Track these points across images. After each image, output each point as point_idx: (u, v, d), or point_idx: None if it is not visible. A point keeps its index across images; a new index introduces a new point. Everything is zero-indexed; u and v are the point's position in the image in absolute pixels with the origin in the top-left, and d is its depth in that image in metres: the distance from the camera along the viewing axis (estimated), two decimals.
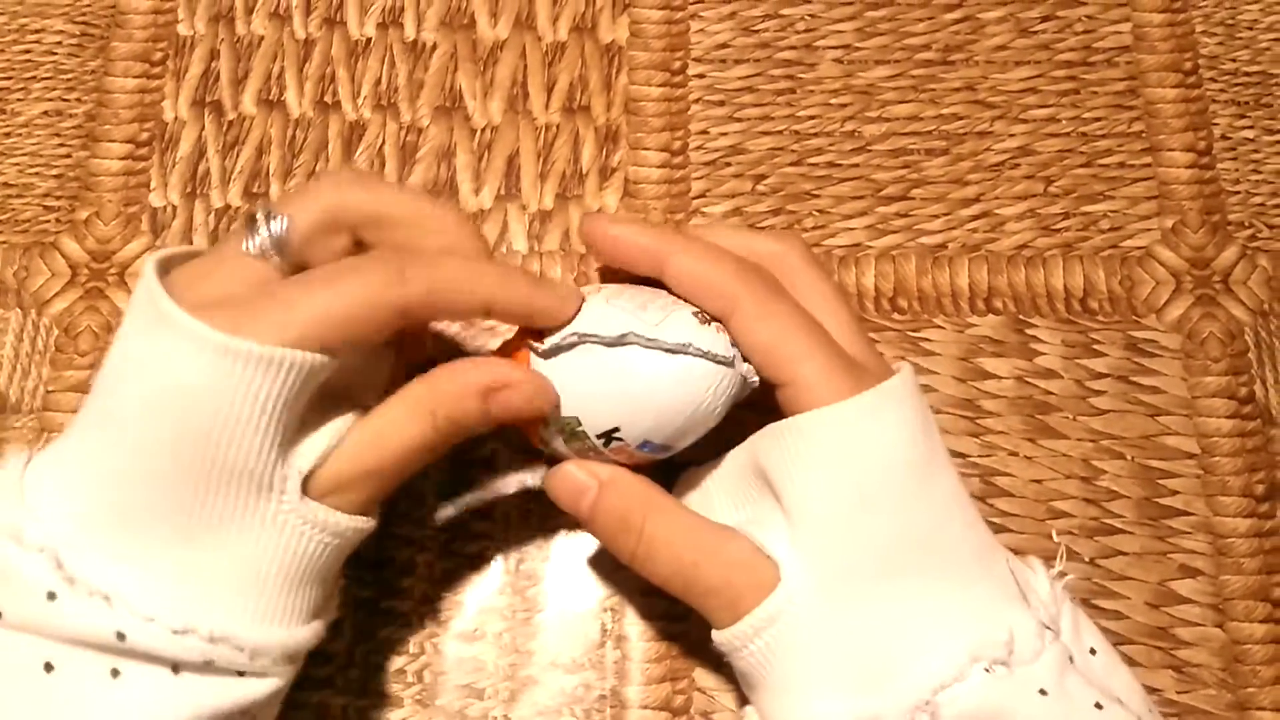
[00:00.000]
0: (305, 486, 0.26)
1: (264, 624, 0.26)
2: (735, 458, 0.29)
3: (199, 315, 0.24)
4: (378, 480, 0.27)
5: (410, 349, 0.31)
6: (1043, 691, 0.26)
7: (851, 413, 0.27)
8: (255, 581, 0.25)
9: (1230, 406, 0.37)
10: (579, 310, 0.28)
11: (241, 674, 0.25)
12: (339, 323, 0.25)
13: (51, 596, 0.24)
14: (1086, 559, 0.35)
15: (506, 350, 0.30)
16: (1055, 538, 0.35)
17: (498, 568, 0.34)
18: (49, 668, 0.24)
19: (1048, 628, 0.27)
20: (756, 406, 0.29)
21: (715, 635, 0.28)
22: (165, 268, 0.27)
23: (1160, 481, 0.36)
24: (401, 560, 0.34)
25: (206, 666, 0.25)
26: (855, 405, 0.27)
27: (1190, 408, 0.37)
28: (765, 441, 0.28)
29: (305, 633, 0.27)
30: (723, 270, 0.28)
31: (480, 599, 0.33)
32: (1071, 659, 0.27)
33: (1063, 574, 0.29)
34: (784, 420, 0.27)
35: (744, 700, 0.33)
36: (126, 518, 0.25)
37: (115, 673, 0.24)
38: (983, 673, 0.26)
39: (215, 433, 0.24)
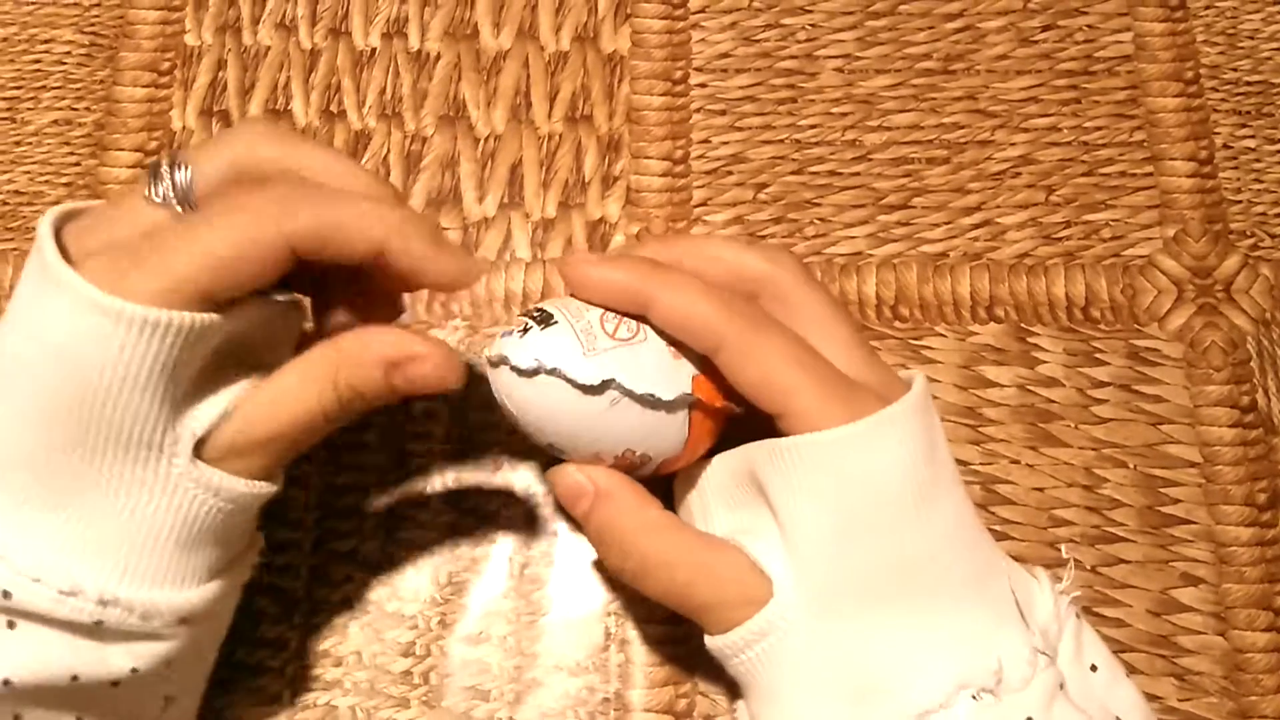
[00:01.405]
0: (199, 450, 0.26)
1: (155, 586, 0.26)
2: (731, 461, 0.30)
3: (82, 266, 0.25)
4: (275, 447, 0.27)
5: (379, 310, 0.31)
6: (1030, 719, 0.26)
7: (845, 440, 0.27)
8: (146, 543, 0.26)
9: (1232, 415, 0.38)
10: (467, 280, 0.29)
11: (134, 635, 0.26)
12: (224, 264, 0.25)
13: None
14: (1088, 567, 0.36)
15: None
16: (1065, 552, 0.36)
17: (503, 571, 0.35)
18: None
19: (1042, 653, 0.28)
20: None
21: (708, 641, 0.30)
22: (70, 218, 0.27)
23: (1162, 490, 0.37)
24: (407, 564, 0.35)
25: (97, 628, 0.25)
26: (848, 433, 0.27)
27: (1192, 416, 0.38)
28: (761, 454, 0.28)
29: (200, 594, 0.27)
30: (706, 309, 0.28)
31: (485, 602, 0.35)
32: (1063, 685, 0.28)
33: (1070, 588, 0.30)
34: (780, 439, 0.28)
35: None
36: (7, 478, 0.25)
37: (11, 625, 0.25)
38: (969, 700, 0.26)
39: (96, 394, 0.24)
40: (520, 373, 0.28)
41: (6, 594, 0.25)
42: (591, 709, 0.34)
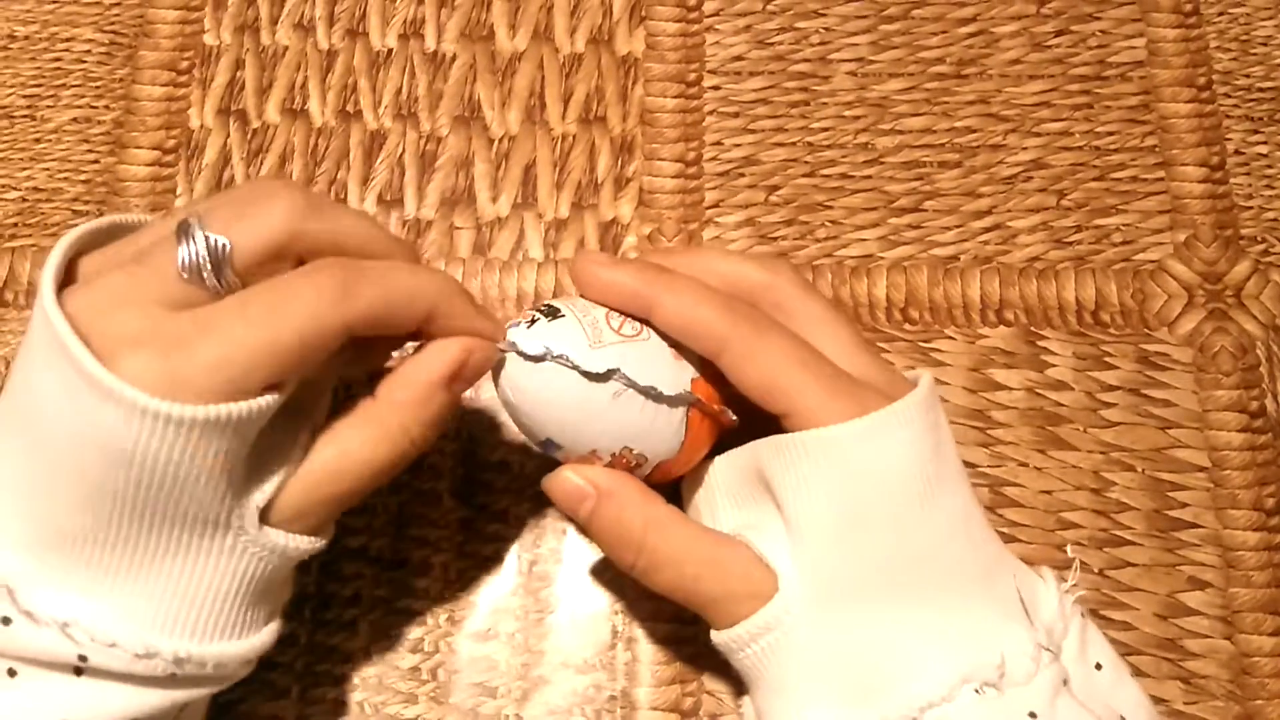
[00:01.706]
0: (263, 515, 0.27)
1: (226, 640, 0.27)
2: (737, 458, 0.30)
3: (122, 360, 0.23)
4: (340, 504, 0.28)
5: (374, 355, 0.31)
6: (1032, 715, 0.27)
7: (851, 436, 0.27)
8: (216, 605, 0.26)
9: (1241, 420, 0.38)
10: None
11: (204, 681, 0.27)
12: (285, 354, 0.25)
13: (7, 622, 0.24)
14: (1096, 570, 0.36)
15: None
16: (1070, 551, 0.36)
17: (511, 569, 0.36)
18: (11, 673, 0.25)
19: (1046, 649, 0.28)
20: None
21: (714, 636, 0.30)
22: (78, 251, 0.26)
23: (1170, 494, 0.38)
24: (417, 561, 0.36)
25: (170, 679, 0.26)
26: (855, 428, 0.27)
27: (1201, 421, 0.38)
28: (767, 451, 0.29)
29: (262, 638, 0.28)
30: (709, 312, 0.29)
31: (494, 599, 0.36)
32: (1066, 681, 0.28)
33: (1075, 587, 0.30)
34: (787, 435, 0.28)
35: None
36: (75, 548, 0.25)
37: (78, 670, 0.25)
38: (972, 694, 0.27)
39: (160, 488, 0.24)
40: (527, 358, 0.28)
41: (83, 658, 0.25)
42: (598, 707, 0.35)
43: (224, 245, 0.25)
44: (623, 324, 0.30)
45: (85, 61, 0.42)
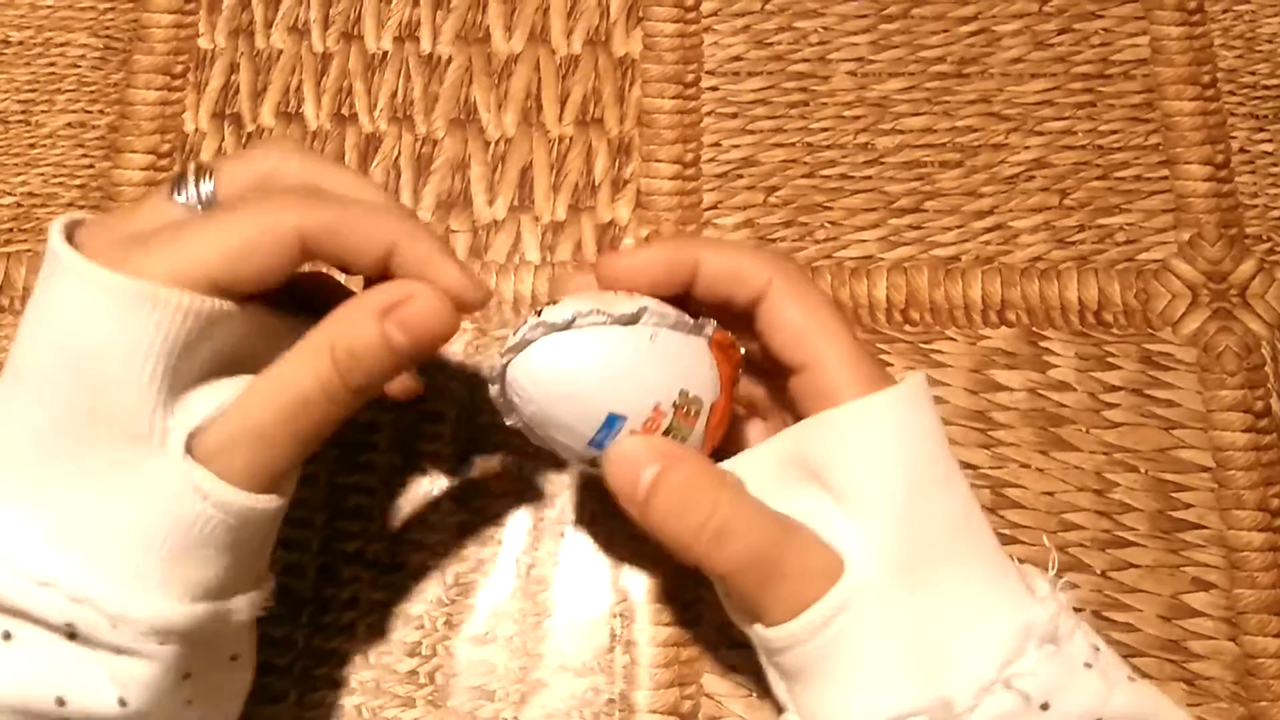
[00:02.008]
0: (192, 447, 0.26)
1: (129, 591, 0.25)
2: (776, 447, 0.29)
3: (93, 252, 0.25)
4: (274, 437, 0.26)
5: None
6: (1087, 665, 0.27)
7: (897, 399, 0.28)
8: (130, 545, 0.25)
9: (1246, 420, 0.38)
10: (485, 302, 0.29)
11: (109, 649, 0.25)
12: (234, 251, 0.26)
13: None
14: (1099, 571, 0.36)
15: None
16: (1045, 540, 0.36)
17: (509, 573, 0.36)
18: None
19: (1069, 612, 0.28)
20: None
21: (774, 632, 0.28)
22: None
23: (1174, 495, 0.37)
24: (414, 565, 0.36)
25: (71, 637, 0.25)
26: (899, 392, 0.28)
27: (1205, 421, 0.38)
28: (813, 431, 0.28)
29: (179, 611, 0.26)
30: (755, 257, 0.30)
31: (491, 603, 0.36)
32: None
33: (1059, 575, 0.30)
34: (832, 410, 0.28)
35: (753, 706, 0.35)
36: (14, 461, 0.25)
37: (7, 635, 0.25)
38: (1036, 650, 0.27)
39: (96, 372, 0.25)
40: (556, 328, 0.27)
41: None
42: (597, 710, 0.35)
43: (209, 177, 0.28)
44: (619, 295, 0.30)
45: (80, 66, 0.43)
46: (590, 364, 0.28)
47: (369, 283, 0.29)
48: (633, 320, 0.28)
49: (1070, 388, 0.39)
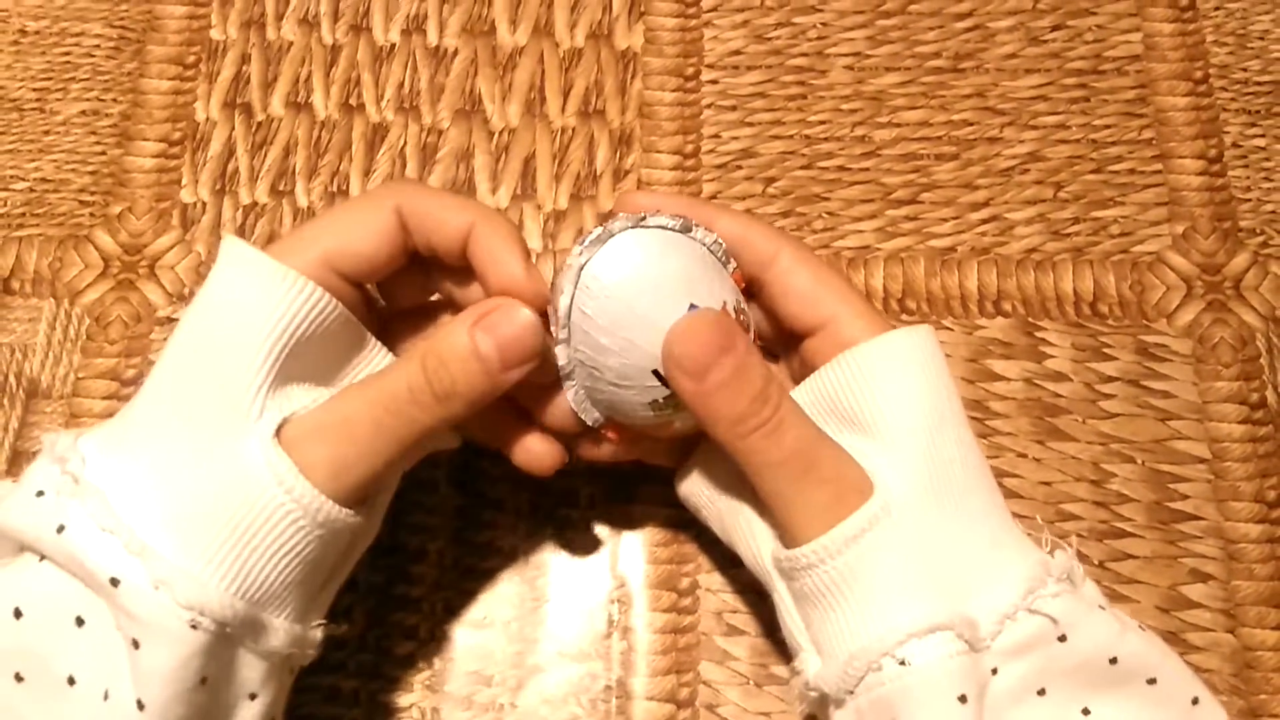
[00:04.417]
0: (281, 433, 0.25)
1: (188, 559, 0.23)
2: (801, 395, 0.28)
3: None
4: (353, 436, 0.25)
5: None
6: (1101, 607, 0.26)
7: (919, 336, 0.27)
8: (203, 519, 0.24)
9: (1241, 412, 0.35)
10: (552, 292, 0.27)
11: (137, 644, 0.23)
12: (345, 229, 0.27)
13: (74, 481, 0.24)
14: (1096, 562, 0.33)
15: None
16: (1040, 521, 0.33)
17: (507, 557, 0.33)
18: None
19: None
20: None
21: (804, 549, 0.25)
22: None
23: (1171, 486, 0.34)
24: (413, 547, 0.33)
25: (112, 590, 0.23)
26: (921, 331, 0.27)
27: (1201, 413, 0.35)
28: (836, 370, 0.27)
29: (222, 596, 0.23)
30: (765, 226, 0.29)
31: (489, 587, 0.33)
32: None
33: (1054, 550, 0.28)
34: (854, 348, 0.27)
35: (751, 693, 0.32)
36: (136, 425, 0.25)
37: (136, 644, 0.23)
38: (1056, 584, 0.25)
39: (221, 332, 0.25)
40: (628, 229, 0.26)
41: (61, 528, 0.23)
42: (593, 696, 0.32)
43: None
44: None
45: (94, 56, 0.40)
46: (673, 255, 0.27)
47: None
48: (685, 231, 0.27)
49: (1066, 378, 0.36)
